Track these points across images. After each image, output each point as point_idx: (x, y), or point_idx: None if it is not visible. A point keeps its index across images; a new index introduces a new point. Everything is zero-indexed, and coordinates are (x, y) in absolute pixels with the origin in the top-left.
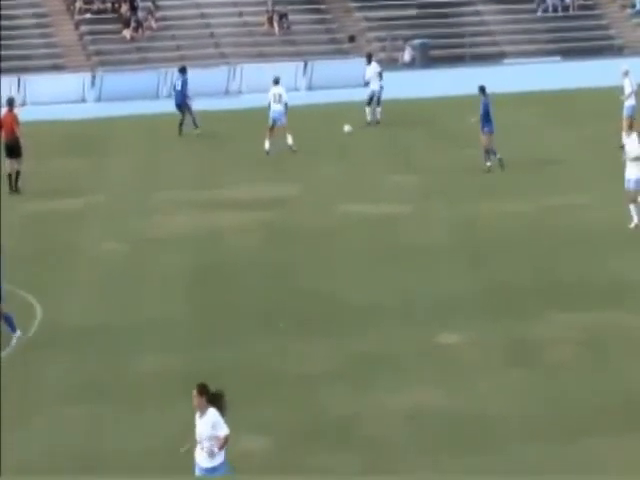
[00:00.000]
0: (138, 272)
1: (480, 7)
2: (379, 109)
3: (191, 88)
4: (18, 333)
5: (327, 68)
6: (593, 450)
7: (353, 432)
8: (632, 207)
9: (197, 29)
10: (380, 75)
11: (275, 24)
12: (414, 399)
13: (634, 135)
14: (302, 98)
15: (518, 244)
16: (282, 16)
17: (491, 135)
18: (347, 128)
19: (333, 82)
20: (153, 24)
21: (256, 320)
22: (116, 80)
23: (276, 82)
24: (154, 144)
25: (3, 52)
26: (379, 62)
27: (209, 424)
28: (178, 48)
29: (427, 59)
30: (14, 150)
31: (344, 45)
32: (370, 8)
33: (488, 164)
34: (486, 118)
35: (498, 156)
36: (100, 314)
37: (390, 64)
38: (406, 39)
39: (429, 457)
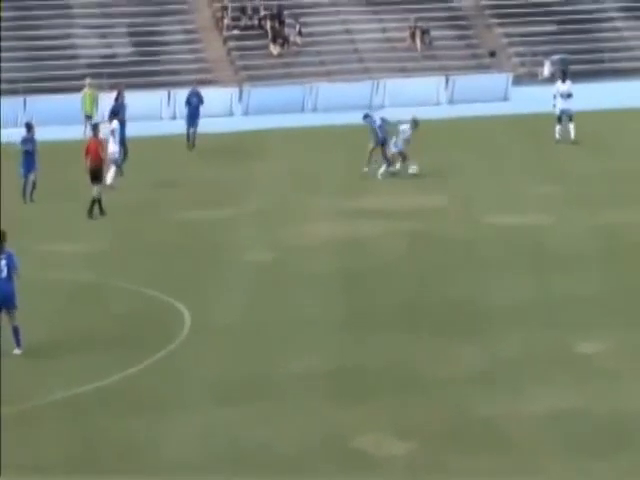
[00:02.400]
0: (285, 278)
1: (619, 23)
2: (572, 126)
3: (335, 102)
4: (18, 351)
5: (468, 83)
6: None
7: (496, 435)
8: None
9: (341, 44)
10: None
11: (417, 40)
12: (555, 402)
13: None
14: (444, 112)
15: None
16: (424, 32)
17: None
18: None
19: (474, 96)
20: (299, 40)
21: (401, 324)
22: (263, 94)
23: (415, 123)
24: (299, 155)
25: (154, 67)
26: (518, 77)
27: None
28: (322, 63)
29: (566, 74)
30: (97, 176)
31: (485, 60)
32: (510, 24)
33: None
34: None
35: None
36: (253, 315)
37: (530, 79)
38: (546, 54)
39: (571, 459)
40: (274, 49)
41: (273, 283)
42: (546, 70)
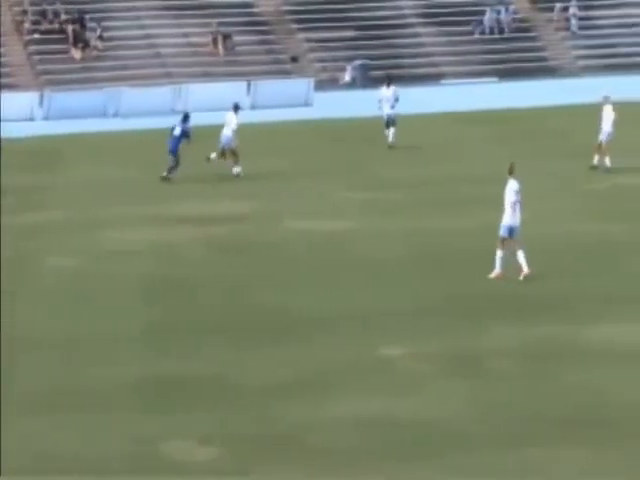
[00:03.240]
0: (92, 285)
1: (419, 29)
2: (392, 130)
3: (137, 107)
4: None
5: (270, 88)
6: (530, 457)
7: (304, 442)
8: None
9: (143, 49)
10: (396, 99)
11: (219, 45)
12: (363, 408)
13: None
14: (246, 117)
15: (461, 258)
16: (226, 37)
17: None
18: None
19: (276, 101)
20: (100, 44)
21: (212, 333)
22: (64, 99)
23: (235, 108)
24: (102, 162)
25: None
26: (320, 82)
27: None
28: (124, 68)
29: (367, 79)
30: None
31: (287, 65)
32: (311, 30)
33: None
34: None
35: None
36: (59, 326)
37: (331, 84)
38: (347, 60)
39: (377, 463)
40: (75, 53)
41: (79, 290)
42: (347, 75)
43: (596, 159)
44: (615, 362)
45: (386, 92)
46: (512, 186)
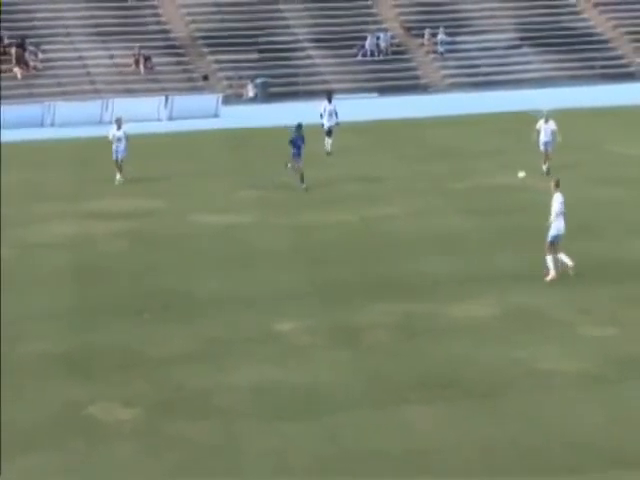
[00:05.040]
0: (20, 273)
1: (311, 52)
2: (330, 140)
3: (70, 118)
4: None
5: (185, 102)
6: (404, 416)
7: (207, 404)
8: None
9: (75, 69)
10: (336, 113)
11: (141, 65)
12: (257, 375)
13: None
14: (164, 127)
15: (343, 248)
16: (147, 58)
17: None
18: (521, 174)
19: (190, 113)
20: (39, 65)
21: (126, 312)
22: (6, 111)
23: (118, 125)
24: (39, 165)
25: None
26: (227, 97)
27: None
28: (59, 85)
29: (267, 95)
30: None
31: (199, 83)
32: (220, 52)
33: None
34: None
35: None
36: None
37: (236, 99)
38: (250, 78)
39: (270, 423)
40: (18, 72)
41: (7, 277)
42: (250, 91)
43: (545, 166)
44: (470, 333)
45: (327, 106)
46: (558, 198)
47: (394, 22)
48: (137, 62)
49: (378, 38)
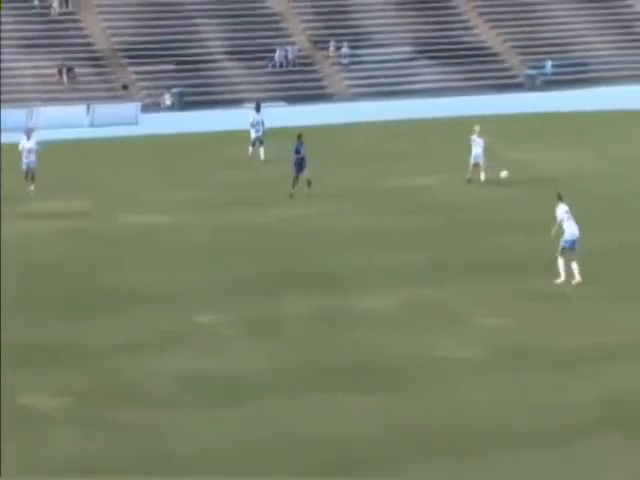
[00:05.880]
0: None
1: (224, 63)
2: (262, 149)
3: None
4: None
5: (106, 110)
6: (319, 402)
7: (135, 392)
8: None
9: (4, 78)
10: (262, 123)
11: (64, 75)
12: (182, 365)
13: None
14: (86, 133)
15: (261, 246)
16: (70, 69)
17: None
18: (504, 174)
19: (111, 121)
20: None
21: (60, 306)
22: None
23: (28, 136)
24: None
25: None
26: (145, 106)
27: None
28: None
29: (183, 103)
30: None
31: (119, 92)
32: (139, 63)
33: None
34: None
35: None
36: None
37: (155, 107)
38: (167, 88)
39: (193, 410)
40: None
41: None
42: (167, 100)
43: (469, 174)
44: (378, 324)
45: (256, 116)
46: (562, 208)
47: (301, 36)
48: (61, 72)
49: (286, 51)
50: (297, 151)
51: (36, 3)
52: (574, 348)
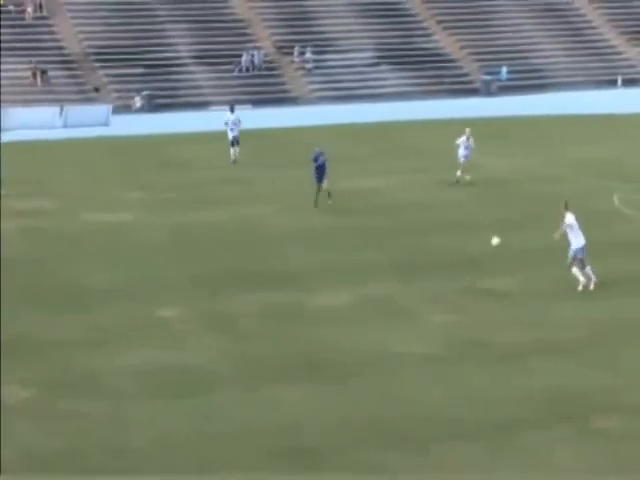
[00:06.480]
0: None
1: (192, 67)
2: (238, 149)
3: None
4: None
5: (78, 111)
6: (273, 394)
7: (97, 384)
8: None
9: None
10: (239, 122)
11: (38, 78)
12: (143, 358)
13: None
14: (59, 134)
15: (217, 244)
16: (43, 72)
17: None
18: (495, 241)
19: (83, 122)
20: None
21: (23, 302)
22: None
23: None
24: None
25: None
26: (116, 108)
27: None
28: None
29: (153, 106)
30: None
31: (91, 94)
32: (110, 67)
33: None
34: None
35: None
36: None
37: (125, 109)
38: (137, 90)
39: (152, 402)
40: None
41: None
42: (137, 102)
43: (458, 174)
44: (331, 320)
45: (230, 116)
46: (569, 217)
47: (267, 41)
48: (34, 75)
49: (252, 55)
50: (315, 159)
51: (11, 8)
52: (519, 343)
